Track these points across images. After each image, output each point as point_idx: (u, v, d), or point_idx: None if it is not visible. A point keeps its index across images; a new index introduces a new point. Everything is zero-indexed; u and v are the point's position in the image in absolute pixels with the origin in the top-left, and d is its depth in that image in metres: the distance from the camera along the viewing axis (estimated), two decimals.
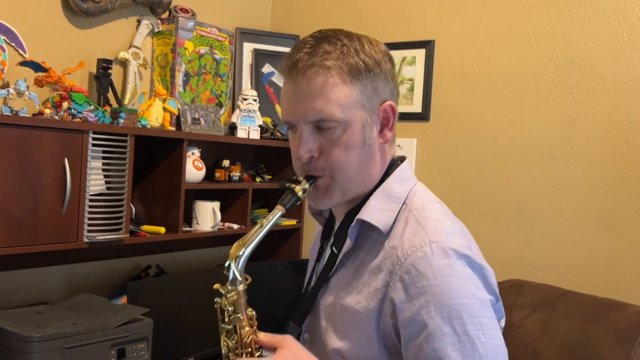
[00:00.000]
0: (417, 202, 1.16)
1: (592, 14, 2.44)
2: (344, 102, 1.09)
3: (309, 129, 1.12)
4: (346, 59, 1.09)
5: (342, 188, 1.15)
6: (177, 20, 2.59)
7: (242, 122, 2.73)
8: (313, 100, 1.09)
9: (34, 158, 1.88)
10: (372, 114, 1.13)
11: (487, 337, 1.03)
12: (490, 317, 1.05)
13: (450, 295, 1.02)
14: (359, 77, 1.10)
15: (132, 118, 2.20)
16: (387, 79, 1.14)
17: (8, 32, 2.11)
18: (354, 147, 1.11)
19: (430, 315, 1.02)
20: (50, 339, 1.78)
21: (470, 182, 2.68)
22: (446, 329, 1.01)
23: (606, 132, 2.40)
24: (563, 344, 1.90)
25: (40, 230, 1.92)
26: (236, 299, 1.12)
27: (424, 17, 2.81)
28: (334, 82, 1.09)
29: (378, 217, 1.13)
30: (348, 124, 1.10)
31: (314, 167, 1.14)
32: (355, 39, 1.13)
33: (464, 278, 1.05)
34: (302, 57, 1.11)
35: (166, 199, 2.40)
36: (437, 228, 1.10)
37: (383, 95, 1.14)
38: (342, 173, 1.13)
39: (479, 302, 1.04)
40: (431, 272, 1.04)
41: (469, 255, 1.08)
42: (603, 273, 2.38)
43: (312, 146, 1.12)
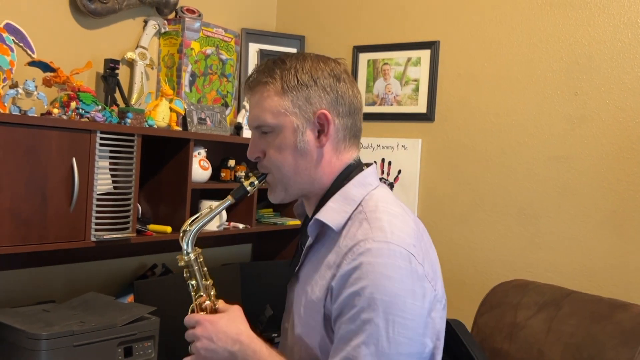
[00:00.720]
0: (372, 205, 1.28)
1: (597, 15, 2.45)
2: (275, 110, 1.29)
3: (256, 133, 1.34)
4: (284, 77, 1.29)
5: (282, 184, 1.33)
6: (184, 20, 2.61)
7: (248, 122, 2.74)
8: (254, 109, 1.32)
9: (42, 157, 1.90)
10: (306, 120, 1.29)
11: (395, 335, 1.15)
12: (409, 318, 1.17)
13: (376, 290, 1.16)
14: (292, 90, 1.28)
15: (139, 118, 2.22)
16: (326, 91, 1.30)
17: (17, 33, 2.13)
18: (287, 148, 1.29)
19: (354, 302, 1.17)
20: (58, 336, 1.79)
21: (475, 182, 2.69)
22: (364, 316, 1.16)
23: (611, 133, 2.41)
24: (568, 344, 1.91)
25: (48, 229, 1.93)
26: (187, 266, 1.37)
27: (428, 18, 2.82)
28: (267, 95, 1.29)
29: (331, 217, 1.28)
30: (280, 129, 1.29)
31: (262, 165, 1.34)
32: (300, 60, 1.32)
33: (393, 279, 1.17)
34: (253, 75, 1.33)
35: (172, 198, 2.41)
36: (382, 228, 1.22)
37: (318, 105, 1.29)
38: (280, 171, 1.31)
39: (399, 302, 1.16)
40: (366, 267, 1.18)
41: (407, 258, 1.19)
42: (607, 273, 2.38)
43: (256, 148, 1.33)
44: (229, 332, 1.26)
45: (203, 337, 1.27)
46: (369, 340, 1.15)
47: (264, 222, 2.91)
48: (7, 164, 1.81)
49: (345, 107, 1.32)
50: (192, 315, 1.33)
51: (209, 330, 1.27)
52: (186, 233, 1.36)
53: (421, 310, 1.20)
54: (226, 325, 1.28)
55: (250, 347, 1.26)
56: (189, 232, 1.36)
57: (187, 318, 1.32)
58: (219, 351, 1.26)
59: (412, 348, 1.17)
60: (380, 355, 1.15)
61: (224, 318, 1.29)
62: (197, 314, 1.34)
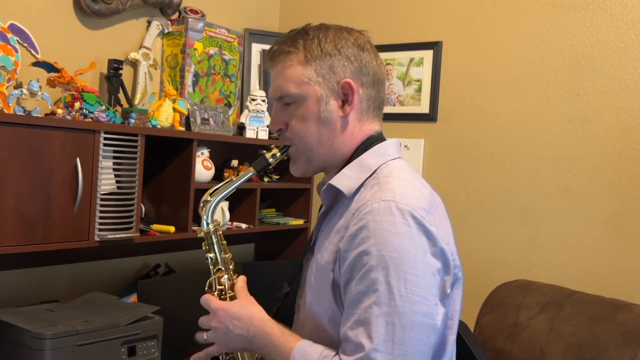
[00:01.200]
0: (386, 171, 1.27)
1: (599, 15, 2.45)
2: (298, 79, 1.27)
3: (278, 105, 1.33)
4: (307, 47, 1.28)
5: (305, 156, 1.31)
6: (187, 21, 2.62)
7: (251, 123, 2.75)
8: (276, 80, 1.31)
9: (46, 157, 1.91)
10: (329, 90, 1.28)
11: (408, 292, 1.12)
12: (421, 275, 1.13)
13: (384, 248, 1.13)
14: (316, 59, 1.27)
15: (142, 118, 2.22)
16: (350, 60, 1.28)
17: (21, 33, 2.14)
18: (310, 118, 1.28)
19: (362, 262, 1.14)
20: (62, 336, 1.80)
21: (477, 182, 2.70)
22: (373, 275, 1.13)
23: (613, 134, 2.41)
24: (570, 344, 1.91)
25: (52, 229, 1.94)
26: (206, 238, 1.36)
27: (431, 18, 2.82)
28: (290, 64, 1.28)
29: (344, 183, 1.27)
30: (303, 98, 1.28)
31: (284, 137, 1.33)
32: (323, 30, 1.30)
33: (400, 234, 1.14)
34: (275, 46, 1.32)
35: (176, 198, 2.42)
36: (393, 190, 1.20)
37: (342, 74, 1.28)
38: (302, 142, 1.30)
39: (410, 259, 1.13)
40: (373, 225, 1.15)
41: (416, 216, 1.16)
42: (610, 274, 2.39)
43: (278, 120, 1.32)
44: (242, 318, 1.26)
45: (219, 328, 1.28)
46: (381, 299, 1.12)
47: (267, 222, 2.91)
48: (12, 164, 1.82)
49: (369, 77, 1.30)
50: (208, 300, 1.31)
51: (224, 320, 1.27)
52: (206, 204, 1.35)
53: (433, 269, 1.16)
54: (239, 311, 1.27)
55: (263, 329, 1.25)
56: (209, 202, 1.35)
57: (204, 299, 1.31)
58: (236, 337, 1.26)
59: (425, 307, 1.14)
60: (394, 314, 1.11)
61: (236, 304, 1.29)
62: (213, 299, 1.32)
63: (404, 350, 1.11)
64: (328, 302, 1.23)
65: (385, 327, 1.11)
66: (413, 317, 1.12)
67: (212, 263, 1.37)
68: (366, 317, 1.12)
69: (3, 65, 2.02)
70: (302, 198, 3.04)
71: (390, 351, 1.10)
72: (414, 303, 1.12)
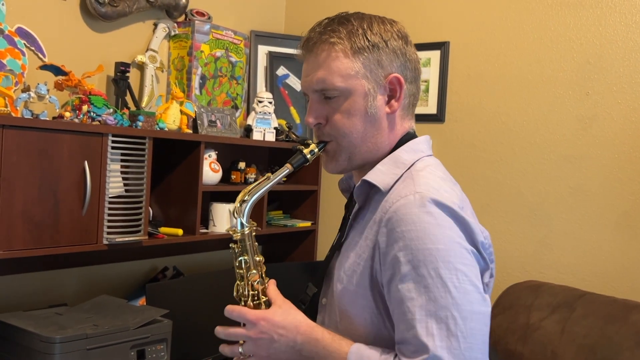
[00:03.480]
0: (420, 166, 1.23)
1: (608, 14, 2.43)
2: (345, 72, 1.20)
3: (316, 97, 1.25)
4: (352, 37, 1.21)
5: (347, 153, 1.25)
6: (193, 23, 2.61)
7: (258, 125, 2.75)
8: (318, 71, 1.22)
9: (55, 161, 1.90)
10: (377, 84, 1.22)
11: (460, 282, 1.07)
12: (469, 264, 1.10)
13: (427, 240, 1.08)
14: (362, 52, 1.21)
15: (150, 121, 2.22)
16: (396, 54, 1.23)
17: (28, 37, 2.14)
18: (356, 114, 1.22)
19: (406, 258, 1.08)
20: (72, 340, 1.79)
21: (486, 183, 2.68)
22: (421, 270, 1.07)
23: (623, 133, 2.39)
24: (582, 345, 1.90)
25: (61, 232, 1.94)
26: (241, 239, 1.25)
27: (438, 18, 2.81)
28: (336, 56, 1.21)
29: (380, 178, 1.21)
30: (350, 92, 1.21)
31: (322, 133, 1.26)
32: (366, 20, 1.25)
33: (441, 226, 1.10)
34: (312, 35, 1.25)
35: (183, 201, 2.41)
36: (427, 183, 1.16)
37: (389, 69, 1.23)
38: (346, 138, 1.23)
39: (455, 249, 1.09)
40: (410, 218, 1.10)
41: (452, 208, 1.13)
42: (621, 274, 2.37)
43: (318, 113, 1.24)
44: (288, 326, 1.17)
45: (262, 338, 1.17)
46: (435, 294, 1.06)
47: (274, 224, 2.91)
48: (20, 167, 1.82)
49: (412, 72, 1.26)
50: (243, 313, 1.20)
51: (267, 330, 1.17)
52: (243, 204, 1.24)
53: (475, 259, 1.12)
54: (283, 319, 1.18)
55: (312, 335, 1.17)
56: (246, 202, 1.24)
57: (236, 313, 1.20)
58: (282, 348, 1.17)
59: (479, 295, 1.09)
60: (452, 307, 1.05)
61: (277, 312, 1.19)
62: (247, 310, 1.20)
63: (469, 343, 1.05)
64: (365, 300, 1.17)
65: (446, 322, 1.05)
66: (470, 306, 1.07)
67: (245, 267, 1.26)
68: (422, 315, 1.06)
69: (10, 68, 2.02)
70: (310, 200, 3.03)
71: (457, 346, 1.04)
72: (468, 292, 1.07)
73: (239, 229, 1.26)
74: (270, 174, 1.26)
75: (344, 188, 1.43)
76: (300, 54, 1.28)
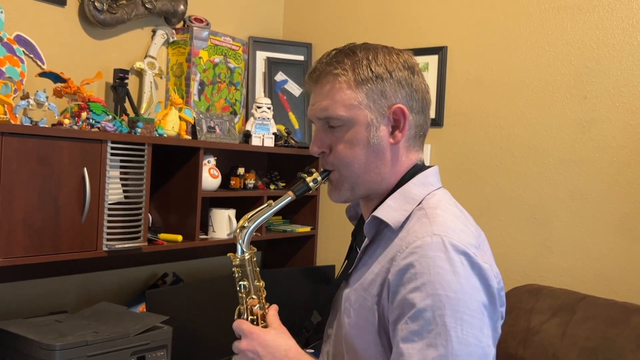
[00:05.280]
0: (433, 202, 1.21)
1: (605, 18, 2.44)
2: (348, 102, 1.21)
3: (321, 126, 1.26)
4: (356, 68, 1.22)
5: (350, 183, 1.25)
6: (192, 29, 2.62)
7: (257, 130, 2.75)
8: (322, 101, 1.23)
9: (54, 168, 1.90)
10: (380, 115, 1.22)
11: (464, 334, 1.06)
12: (477, 317, 1.08)
13: (439, 287, 1.07)
14: (366, 83, 1.21)
15: (149, 127, 2.22)
16: (401, 84, 1.23)
17: (27, 44, 2.14)
18: (359, 144, 1.22)
19: (415, 301, 1.08)
20: (72, 347, 1.79)
21: (486, 187, 2.68)
22: (427, 314, 1.07)
23: (622, 136, 2.40)
24: (583, 349, 1.90)
25: (61, 240, 1.94)
26: (241, 264, 1.27)
27: (436, 23, 2.82)
28: (339, 87, 1.22)
29: (390, 215, 1.20)
30: (353, 123, 1.22)
31: (326, 162, 1.26)
32: (372, 51, 1.24)
33: (456, 273, 1.09)
34: (318, 66, 1.26)
35: (183, 207, 2.41)
36: (444, 224, 1.15)
37: (393, 99, 1.22)
38: (348, 168, 1.23)
39: (466, 299, 1.08)
40: (425, 261, 1.09)
41: (469, 254, 1.11)
42: (621, 277, 2.37)
43: (322, 142, 1.25)
44: (277, 347, 1.19)
45: (249, 351, 1.20)
46: (437, 341, 1.06)
47: (274, 229, 2.91)
48: (20, 174, 1.82)
49: (418, 103, 1.25)
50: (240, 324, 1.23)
51: (255, 345, 1.19)
52: (243, 230, 1.26)
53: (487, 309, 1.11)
54: (274, 339, 1.20)
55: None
56: (246, 228, 1.26)
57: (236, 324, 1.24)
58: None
59: (480, 349, 1.08)
60: (450, 356, 1.05)
61: (270, 332, 1.22)
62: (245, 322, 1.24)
63: None
64: (371, 336, 1.17)
65: None
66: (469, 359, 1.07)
67: (245, 291, 1.28)
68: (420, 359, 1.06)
69: (9, 76, 2.02)
70: (309, 205, 3.03)
71: None
72: (469, 345, 1.07)
73: (239, 254, 1.27)
74: (272, 202, 1.26)
75: (351, 215, 1.43)
76: (307, 84, 1.30)
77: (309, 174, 1.27)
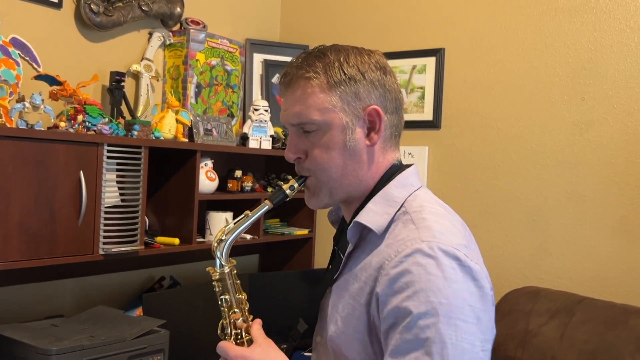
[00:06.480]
0: (416, 205, 1.20)
1: (602, 19, 2.44)
2: (322, 106, 1.19)
3: (295, 132, 1.23)
4: (328, 71, 1.20)
5: (327, 188, 1.23)
6: (189, 32, 2.61)
7: (254, 133, 2.74)
8: (295, 106, 1.21)
9: (50, 171, 1.89)
10: (355, 117, 1.20)
11: (458, 340, 1.05)
12: (470, 322, 1.07)
13: (431, 294, 1.06)
14: (339, 85, 1.19)
15: (145, 130, 2.21)
16: (374, 85, 1.21)
17: (22, 47, 2.13)
18: (335, 148, 1.20)
19: (409, 309, 1.06)
20: (68, 351, 1.78)
21: (483, 189, 2.68)
22: (421, 322, 1.05)
23: (619, 138, 2.39)
24: (582, 351, 1.89)
25: (57, 243, 1.92)
26: (221, 278, 1.25)
27: (433, 25, 2.81)
28: (312, 91, 1.19)
29: (373, 220, 1.19)
30: (328, 126, 1.19)
31: (302, 168, 1.24)
32: (343, 52, 1.23)
33: (447, 279, 1.07)
34: (289, 71, 1.24)
35: (180, 210, 2.40)
36: (431, 228, 1.13)
37: (367, 101, 1.21)
38: (325, 173, 1.21)
39: (459, 304, 1.07)
40: (416, 269, 1.08)
41: (459, 257, 1.10)
42: (620, 279, 2.37)
43: (297, 148, 1.23)
44: None
45: None
46: (432, 349, 1.04)
47: (272, 232, 2.90)
48: (16, 178, 1.81)
49: (392, 103, 1.24)
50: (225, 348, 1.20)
51: None
52: (220, 243, 1.24)
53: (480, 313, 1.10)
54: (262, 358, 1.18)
55: None
56: (224, 242, 1.24)
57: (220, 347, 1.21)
58: None
59: (474, 355, 1.07)
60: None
61: (256, 350, 1.19)
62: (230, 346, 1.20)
63: None
64: (361, 345, 1.16)
65: None
66: None
67: (227, 305, 1.26)
68: None
69: (5, 79, 2.01)
70: (306, 208, 3.01)
71: None
72: (464, 351, 1.06)
73: (218, 268, 1.25)
74: (249, 212, 1.25)
75: (333, 220, 1.42)
76: (279, 89, 1.27)
77: (285, 181, 1.26)
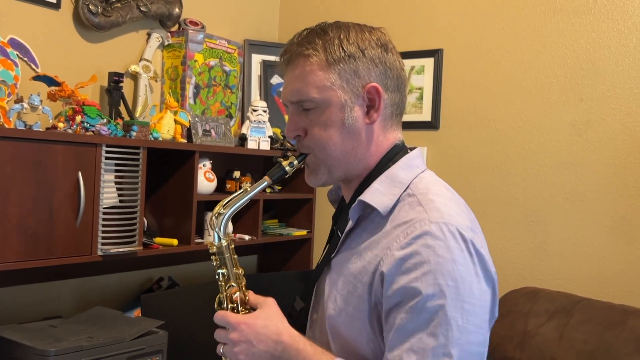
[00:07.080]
0: (422, 187, 1.20)
1: (601, 20, 2.44)
2: (320, 84, 1.18)
3: (294, 110, 1.23)
4: (327, 48, 1.19)
5: (326, 166, 1.22)
6: (187, 32, 2.61)
7: (252, 133, 2.74)
8: (294, 83, 1.21)
9: (49, 172, 1.89)
10: (354, 95, 1.19)
11: (464, 322, 1.06)
12: (476, 303, 1.08)
13: (439, 276, 1.06)
14: (338, 63, 1.18)
15: (144, 131, 2.21)
16: (374, 63, 1.20)
17: (20, 47, 2.13)
18: (333, 125, 1.19)
19: (417, 289, 1.07)
20: (67, 352, 1.78)
21: (482, 189, 2.68)
22: (429, 304, 1.06)
23: (618, 138, 2.40)
24: (581, 352, 1.89)
25: (56, 244, 1.92)
26: (218, 253, 1.25)
27: (432, 26, 2.82)
28: (310, 69, 1.19)
29: (379, 200, 1.18)
30: (327, 104, 1.19)
31: (302, 145, 1.23)
32: (343, 29, 1.22)
33: (457, 262, 1.08)
34: (290, 48, 1.23)
35: (178, 210, 2.40)
36: (439, 209, 1.13)
37: (367, 78, 1.20)
38: (324, 151, 1.21)
39: (465, 287, 1.07)
40: (425, 250, 1.08)
41: (467, 239, 1.11)
42: (618, 279, 2.37)
43: (296, 126, 1.22)
44: (269, 334, 1.15)
45: (241, 342, 1.15)
46: (438, 330, 1.05)
47: (270, 233, 2.89)
48: (14, 179, 1.81)
49: (393, 81, 1.22)
50: (225, 316, 1.19)
51: (246, 334, 1.15)
52: (219, 216, 1.23)
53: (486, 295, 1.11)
54: (264, 325, 1.16)
55: (294, 346, 1.15)
56: (222, 215, 1.23)
57: (219, 317, 1.19)
58: (261, 354, 1.15)
59: (480, 336, 1.09)
60: (451, 346, 1.05)
61: (260, 317, 1.18)
62: (230, 314, 1.20)
63: None
64: (362, 323, 1.16)
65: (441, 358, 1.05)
66: (469, 347, 1.07)
67: (224, 279, 1.25)
68: (420, 347, 1.06)
69: (3, 79, 2.01)
70: (305, 208, 3.02)
71: None
72: (470, 333, 1.07)
73: (216, 242, 1.25)
74: (248, 187, 1.25)
75: (333, 199, 1.41)
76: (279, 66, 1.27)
77: (285, 158, 1.24)
